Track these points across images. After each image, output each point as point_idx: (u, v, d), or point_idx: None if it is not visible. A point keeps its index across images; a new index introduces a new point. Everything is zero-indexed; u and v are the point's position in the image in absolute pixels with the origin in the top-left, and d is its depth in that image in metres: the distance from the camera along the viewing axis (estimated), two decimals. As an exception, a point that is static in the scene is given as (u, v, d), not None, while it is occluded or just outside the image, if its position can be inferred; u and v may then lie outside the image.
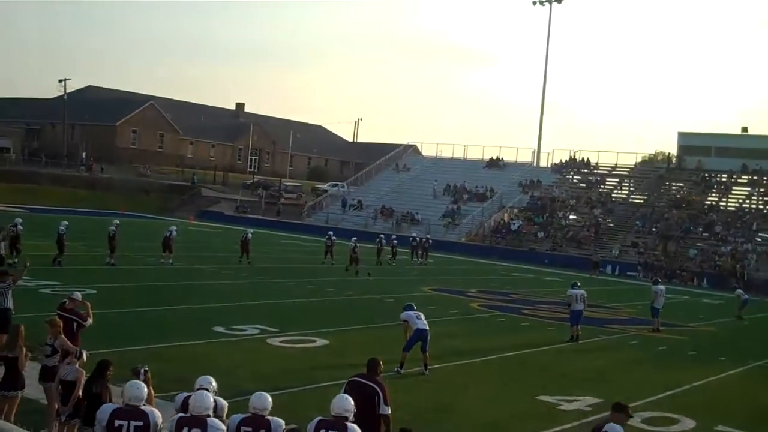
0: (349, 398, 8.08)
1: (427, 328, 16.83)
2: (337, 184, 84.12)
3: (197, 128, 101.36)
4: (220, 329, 19.42)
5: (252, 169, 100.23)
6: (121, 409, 7.74)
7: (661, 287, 27.96)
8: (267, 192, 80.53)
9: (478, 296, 32.42)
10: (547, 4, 76.57)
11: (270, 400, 7.82)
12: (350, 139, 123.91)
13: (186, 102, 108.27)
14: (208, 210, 71.88)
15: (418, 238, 47.34)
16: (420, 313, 17.22)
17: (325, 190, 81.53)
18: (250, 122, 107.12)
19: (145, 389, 7.90)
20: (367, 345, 18.32)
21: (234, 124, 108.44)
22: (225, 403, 8.42)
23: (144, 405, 7.81)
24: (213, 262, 34.95)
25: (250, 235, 36.40)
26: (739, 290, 35.21)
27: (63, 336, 11.30)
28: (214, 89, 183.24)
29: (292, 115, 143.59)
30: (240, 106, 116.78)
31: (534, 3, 76.98)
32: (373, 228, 64.18)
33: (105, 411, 7.80)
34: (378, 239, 43.90)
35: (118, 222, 32.08)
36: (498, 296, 33.40)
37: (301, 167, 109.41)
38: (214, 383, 8.46)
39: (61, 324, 11.67)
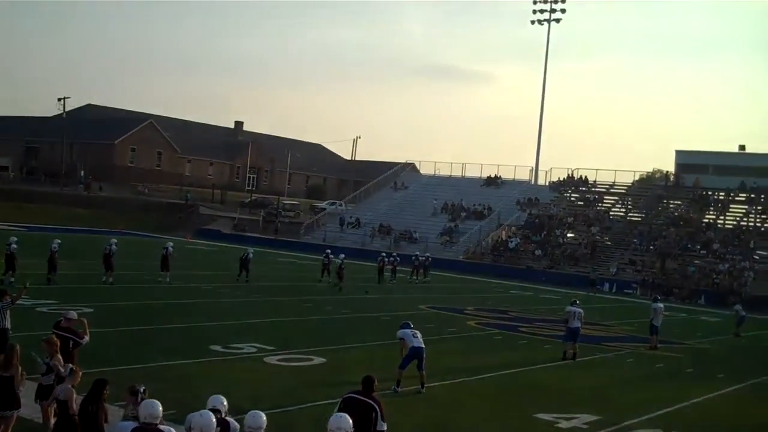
0: (347, 417, 8.06)
1: (423, 346, 16.84)
2: (335, 203, 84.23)
3: (196, 146, 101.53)
4: (217, 348, 19.40)
5: (250, 188, 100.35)
6: (138, 428, 7.75)
7: (660, 305, 27.99)
8: (265, 210, 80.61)
9: (476, 314, 32.41)
10: (545, 23, 77.09)
11: (264, 418, 7.80)
12: (348, 158, 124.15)
13: (184, 120, 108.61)
14: (206, 228, 71.81)
15: (420, 257, 47.46)
16: (416, 331, 17.23)
17: (323, 209, 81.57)
18: (249, 140, 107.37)
19: (160, 407, 7.86)
20: (364, 363, 18.31)
21: (232, 143, 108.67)
22: (236, 425, 8.31)
23: (161, 424, 7.81)
24: (209, 280, 34.90)
25: (251, 254, 36.39)
26: (737, 306, 35.18)
27: (59, 355, 11.31)
28: (213, 108, 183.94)
29: (290, 133, 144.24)
30: (239, 124, 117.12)
31: (532, 22, 77.61)
32: (370, 246, 64.20)
33: (124, 429, 7.84)
34: (380, 257, 43.92)
35: (115, 241, 32.06)
36: (495, 314, 33.38)
37: (300, 185, 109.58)
38: (225, 403, 8.42)
39: (59, 343, 11.68)
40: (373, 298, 34.26)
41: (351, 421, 8.00)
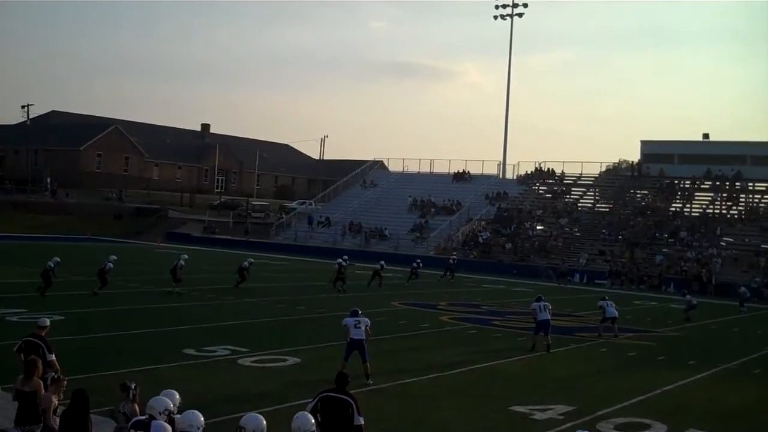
0: (308, 416, 8.07)
1: (363, 337, 16.91)
2: (305, 202, 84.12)
3: (163, 150, 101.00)
4: (191, 351, 19.32)
5: (219, 190, 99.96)
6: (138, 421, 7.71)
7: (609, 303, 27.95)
8: (234, 212, 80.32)
9: (449, 309, 32.51)
10: (508, 18, 77.46)
11: (201, 418, 7.55)
12: (317, 157, 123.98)
13: (151, 124, 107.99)
14: (176, 232, 71.48)
15: (450, 259, 50.07)
16: (363, 319, 17.25)
17: (293, 209, 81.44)
18: (216, 143, 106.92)
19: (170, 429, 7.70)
20: (338, 362, 18.28)
21: (200, 145, 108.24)
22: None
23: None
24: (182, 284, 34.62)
25: (247, 263, 35.32)
26: (688, 296, 35.75)
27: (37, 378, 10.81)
28: (179, 111, 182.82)
29: (258, 134, 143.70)
30: (205, 127, 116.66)
31: (495, 17, 77.94)
32: (341, 245, 64.18)
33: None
34: (415, 263, 45.04)
35: (115, 258, 31.19)
36: (468, 308, 33.51)
37: (269, 186, 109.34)
38: (171, 405, 8.11)
39: (40, 363, 11.08)
40: (348, 296, 34.24)
41: (312, 419, 8.03)
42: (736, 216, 61.99)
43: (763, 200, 64.51)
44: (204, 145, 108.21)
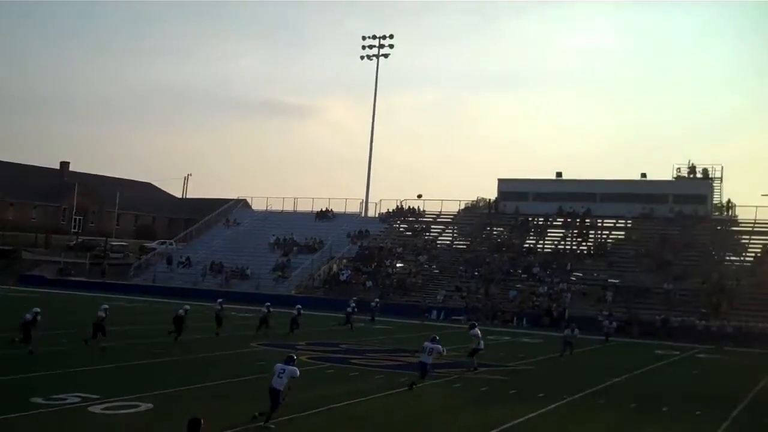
0: None
1: (280, 389, 17.06)
2: (165, 242, 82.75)
3: (18, 189, 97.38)
4: (38, 400, 18.80)
5: (76, 230, 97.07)
6: None
7: (477, 331, 29.05)
8: (92, 253, 78.21)
9: (307, 348, 32.64)
10: (374, 58, 78.88)
11: None
12: (180, 196, 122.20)
13: (6, 162, 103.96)
14: (29, 274, 69.04)
15: (372, 303, 50.35)
16: (288, 368, 17.37)
17: (153, 249, 79.97)
18: (75, 181, 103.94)
19: None
20: (191, 406, 18.23)
21: (58, 184, 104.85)
22: None
23: None
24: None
25: (182, 311, 33.82)
26: (567, 330, 36.81)
27: None
28: (36, 148, 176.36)
29: (119, 173, 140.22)
30: (65, 164, 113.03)
31: (362, 57, 79.20)
32: (202, 285, 63.50)
33: None
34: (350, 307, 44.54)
35: (38, 310, 28.83)
36: (327, 347, 33.77)
37: (128, 226, 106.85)
38: None
39: None
40: (206, 338, 33.92)
41: None
42: (585, 251, 64.79)
43: (611, 236, 67.70)
44: (62, 184, 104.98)
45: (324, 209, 79.10)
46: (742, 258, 61.41)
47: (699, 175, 69.57)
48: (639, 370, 32.40)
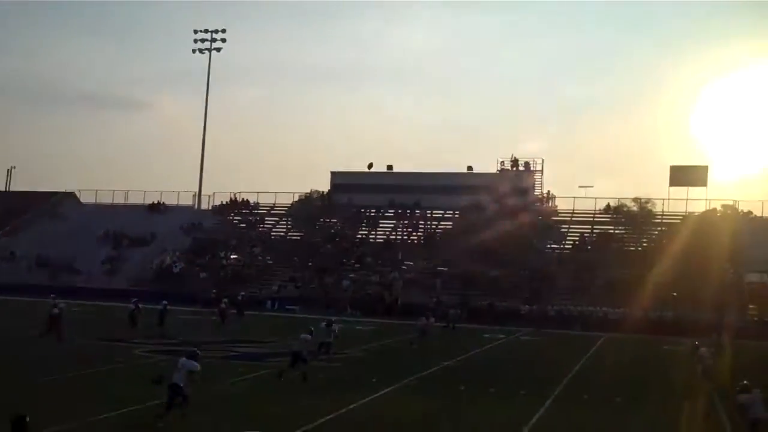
0: None
1: (181, 384, 17.03)
2: (-13, 236, 79.00)
3: None
4: None
5: None
6: None
7: (322, 324, 29.84)
8: None
9: (145, 342, 32.54)
10: (206, 51, 77.94)
11: None
12: (2, 188, 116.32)
13: None
14: None
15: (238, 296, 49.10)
16: (187, 362, 17.39)
17: (-27, 244, 76.18)
18: None
19: None
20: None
21: None
22: None
23: None
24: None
25: (56, 310, 32.42)
26: (422, 318, 38.19)
27: None
28: None
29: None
30: None
31: (194, 51, 78.01)
32: (29, 280, 61.37)
33: None
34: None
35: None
36: (165, 341, 33.65)
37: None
38: None
39: None
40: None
41: None
42: (415, 242, 66.92)
43: (439, 227, 70.10)
44: None
45: (156, 202, 77.73)
46: (561, 246, 65.00)
47: (521, 168, 72.85)
48: (468, 353, 34.09)
